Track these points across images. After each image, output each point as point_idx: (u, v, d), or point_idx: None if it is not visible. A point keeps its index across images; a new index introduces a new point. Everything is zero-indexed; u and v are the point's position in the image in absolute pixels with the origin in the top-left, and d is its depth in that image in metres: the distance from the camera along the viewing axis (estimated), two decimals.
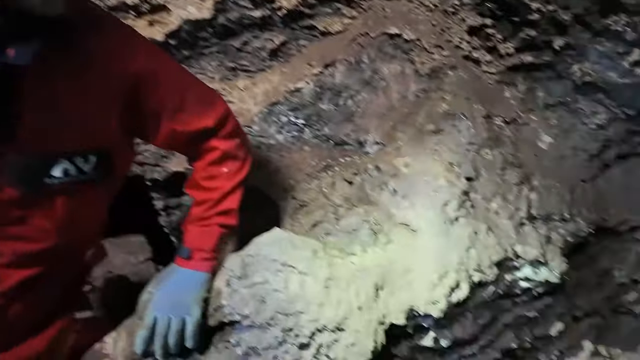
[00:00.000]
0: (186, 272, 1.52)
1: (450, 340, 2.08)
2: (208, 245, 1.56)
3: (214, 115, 1.53)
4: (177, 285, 1.51)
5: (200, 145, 1.57)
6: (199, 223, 1.58)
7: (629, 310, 2.60)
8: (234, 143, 1.62)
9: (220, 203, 1.60)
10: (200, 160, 1.60)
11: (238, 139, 1.64)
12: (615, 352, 2.68)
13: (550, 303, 2.32)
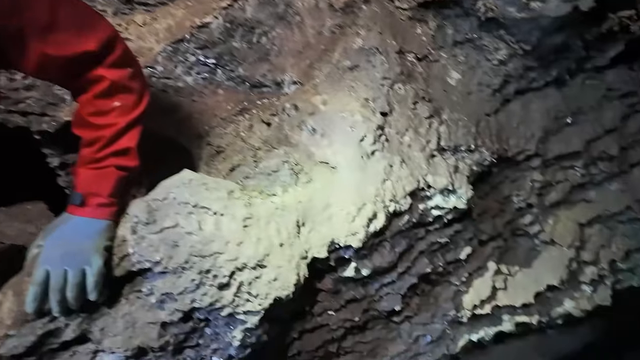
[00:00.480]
0: (80, 221, 1.36)
1: (370, 269, 2.19)
2: (104, 190, 1.41)
3: (97, 38, 1.32)
4: (70, 234, 1.35)
5: (84, 75, 1.37)
6: (91, 165, 1.41)
7: (525, 232, 2.94)
8: (125, 73, 1.43)
9: (115, 142, 1.43)
10: (86, 93, 1.40)
11: (130, 69, 1.45)
12: (514, 270, 3.04)
13: (459, 229, 2.53)
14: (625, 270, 3.16)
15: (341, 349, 2.72)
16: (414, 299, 2.75)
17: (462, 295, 2.91)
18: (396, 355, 2.93)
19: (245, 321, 1.70)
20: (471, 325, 3.13)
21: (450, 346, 3.11)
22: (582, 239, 2.98)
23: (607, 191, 2.93)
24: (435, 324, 2.87)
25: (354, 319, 2.39)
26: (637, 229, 2.95)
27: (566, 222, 2.94)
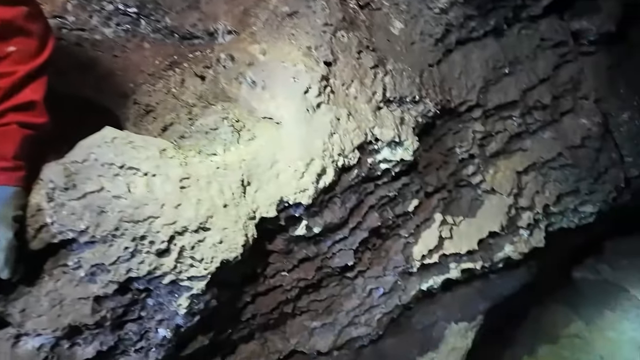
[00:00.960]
0: None
1: (321, 226, 2.14)
2: (7, 151, 1.21)
3: None
4: None
5: None
6: None
7: (468, 182, 3.05)
8: (19, 11, 1.20)
9: (15, 94, 1.22)
10: None
11: (25, 7, 1.20)
12: (458, 220, 3.17)
13: (406, 182, 2.55)
14: (556, 214, 3.42)
15: (296, 309, 2.71)
16: (366, 253, 2.78)
17: (411, 247, 2.99)
18: (351, 310, 2.99)
19: (190, 287, 1.59)
20: (421, 275, 3.26)
21: (402, 297, 3.22)
22: (520, 186, 3.15)
23: (541, 139, 3.09)
24: (387, 276, 2.95)
25: (308, 277, 2.37)
26: (568, 174, 3.17)
27: (505, 171, 3.08)
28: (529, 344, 5.98)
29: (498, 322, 5.44)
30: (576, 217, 3.49)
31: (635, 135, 3.20)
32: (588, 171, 3.14)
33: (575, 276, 6.55)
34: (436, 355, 4.08)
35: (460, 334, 4.14)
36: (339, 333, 3.03)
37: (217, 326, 2.10)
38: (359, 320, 3.13)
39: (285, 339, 2.79)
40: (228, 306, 2.10)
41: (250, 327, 2.44)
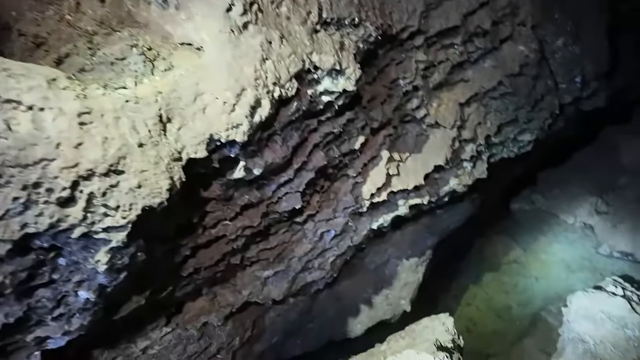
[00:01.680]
0: None
1: (262, 167, 1.95)
2: None
3: None
4: None
5: None
6: None
7: (413, 117, 2.98)
8: None
9: None
10: None
11: None
12: (405, 156, 3.12)
13: (351, 117, 2.40)
14: (497, 144, 3.49)
15: (245, 259, 2.57)
16: (315, 196, 2.66)
17: (360, 187, 2.92)
18: (303, 256, 2.91)
19: (108, 240, 1.37)
20: (371, 215, 3.23)
21: (354, 238, 3.20)
22: (462, 118, 3.14)
23: (481, 69, 3.06)
24: (338, 218, 2.87)
25: (253, 225, 2.21)
26: (507, 103, 3.19)
27: (448, 104, 3.04)
28: (474, 274, 6.43)
29: (446, 255, 5.74)
30: (515, 147, 3.59)
31: (569, 61, 3.27)
32: (526, 99, 3.19)
33: (514, 207, 7.02)
34: (390, 291, 4.22)
35: (412, 270, 4.30)
36: (292, 280, 2.97)
37: (155, 284, 1.91)
38: (313, 265, 3.08)
39: (236, 291, 2.67)
40: (164, 261, 1.91)
41: (195, 283, 2.28)
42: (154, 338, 2.29)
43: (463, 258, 6.56)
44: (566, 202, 6.71)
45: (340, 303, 3.84)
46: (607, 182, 6.55)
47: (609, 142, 6.68)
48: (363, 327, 3.94)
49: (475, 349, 5.53)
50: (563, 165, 7.01)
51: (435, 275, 5.85)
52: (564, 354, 2.95)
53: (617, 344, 3.01)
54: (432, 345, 2.30)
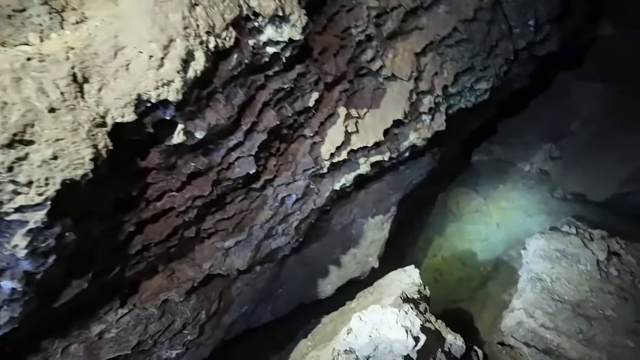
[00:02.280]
0: None
1: (205, 129, 1.78)
2: None
3: None
4: None
5: None
6: None
7: (369, 69, 2.84)
8: None
9: None
10: None
11: None
12: (363, 112, 3.02)
13: (302, 71, 2.24)
14: (455, 95, 3.45)
15: (202, 232, 2.43)
16: (271, 160, 2.53)
17: (318, 147, 2.80)
18: (265, 222, 2.80)
19: (24, 221, 1.19)
20: (332, 175, 3.15)
21: (316, 200, 3.11)
22: (419, 68, 3.04)
23: (435, 15, 2.93)
24: (298, 181, 2.77)
25: (204, 194, 2.06)
26: (463, 50, 3.11)
27: (403, 54, 2.92)
28: (439, 226, 6.62)
29: (411, 210, 5.83)
30: (473, 96, 3.57)
31: (522, 4, 3.20)
32: (481, 45, 3.12)
33: (474, 159, 7.19)
34: (358, 250, 4.24)
35: (377, 227, 4.32)
36: (256, 248, 2.87)
37: (97, 265, 1.75)
38: (276, 231, 2.99)
39: (196, 265, 2.55)
40: (105, 240, 1.74)
41: (148, 260, 2.13)
42: (109, 321, 2.16)
43: (428, 211, 6.73)
44: (523, 150, 6.93)
45: (308, 266, 3.82)
46: (560, 128, 6.79)
47: (562, 89, 6.87)
48: (333, 287, 3.97)
49: (442, 297, 5.77)
50: (519, 115, 7.19)
51: (401, 230, 5.97)
52: (524, 294, 3.08)
53: (572, 278, 3.18)
54: (398, 298, 2.31)
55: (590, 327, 2.74)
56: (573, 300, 2.97)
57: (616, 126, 5.85)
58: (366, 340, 1.74)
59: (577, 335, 2.74)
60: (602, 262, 3.25)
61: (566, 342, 2.74)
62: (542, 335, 2.85)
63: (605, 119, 6.20)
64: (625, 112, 5.89)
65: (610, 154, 5.52)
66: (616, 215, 5.50)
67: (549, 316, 2.87)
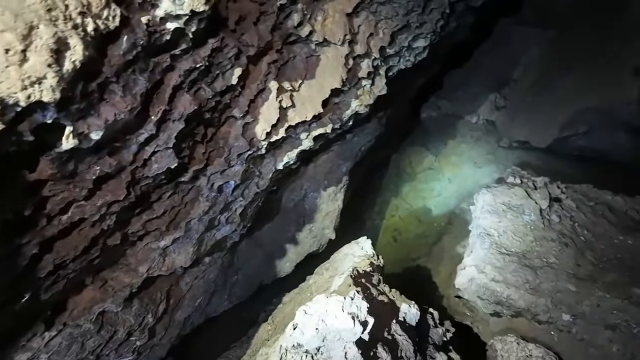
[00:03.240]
0: None
1: (101, 128, 1.54)
2: None
3: None
4: None
5: None
6: None
7: (297, 36, 2.61)
8: None
9: None
10: None
11: None
12: (297, 84, 2.81)
13: (217, 46, 1.98)
14: (393, 55, 3.30)
15: (130, 236, 2.21)
16: (198, 148, 2.30)
17: (252, 127, 2.59)
18: (203, 215, 2.60)
19: None
20: (273, 155, 2.97)
21: (259, 182, 2.94)
22: (352, 31, 2.84)
23: None
24: (234, 166, 2.56)
25: (120, 198, 1.83)
26: (397, 7, 2.93)
27: (334, 16, 2.70)
28: (394, 187, 6.68)
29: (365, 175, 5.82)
30: (411, 55, 3.43)
31: None
32: (415, 0, 2.95)
33: (423, 116, 7.21)
34: (313, 225, 4.17)
35: (331, 199, 4.24)
36: (199, 242, 2.69)
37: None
38: (219, 221, 2.81)
39: (131, 270, 2.34)
40: (1, 268, 1.50)
41: (68, 278, 1.90)
42: (35, 347, 1.95)
43: (382, 174, 6.75)
44: (469, 102, 7.01)
45: (264, 248, 3.71)
46: (504, 76, 6.89)
47: (503, 36, 6.90)
48: (292, 264, 3.90)
49: (402, 256, 5.93)
50: (464, 66, 7.21)
51: (358, 196, 5.98)
52: (474, 250, 3.15)
53: (517, 230, 3.29)
54: (349, 277, 2.25)
55: (536, 276, 2.86)
56: (519, 251, 3.07)
57: (554, 70, 5.99)
58: (313, 333, 1.66)
59: (524, 285, 2.85)
60: (545, 210, 3.37)
61: (515, 293, 2.85)
62: (492, 289, 2.94)
63: (544, 64, 6.34)
64: (562, 55, 6.02)
65: (550, 99, 5.68)
66: (559, 158, 5.76)
67: (498, 270, 2.96)
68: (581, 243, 3.16)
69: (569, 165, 5.71)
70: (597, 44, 5.33)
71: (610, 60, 5.01)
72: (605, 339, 2.54)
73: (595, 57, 5.20)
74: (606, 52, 5.09)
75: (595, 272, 2.87)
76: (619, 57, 4.93)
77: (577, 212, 3.51)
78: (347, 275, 2.29)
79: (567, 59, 5.80)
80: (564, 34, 6.14)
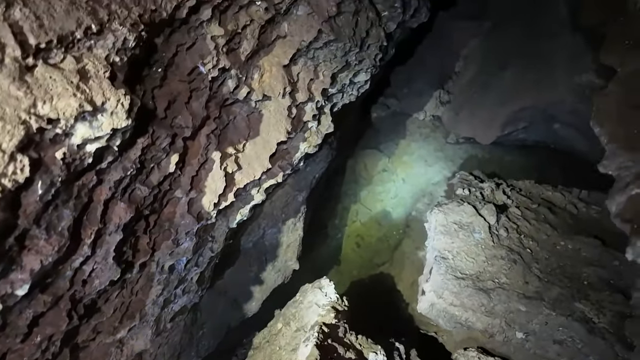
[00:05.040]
0: None
1: (28, 279, 1.38)
2: None
3: None
4: None
5: None
6: None
7: (235, 100, 2.49)
8: None
9: None
10: None
11: None
12: (241, 145, 2.67)
13: (147, 144, 1.84)
14: (336, 94, 3.26)
15: (80, 344, 2.09)
16: (141, 240, 2.17)
17: (198, 202, 2.47)
18: (160, 296, 2.51)
19: None
20: (225, 217, 2.87)
21: (214, 246, 2.84)
22: (292, 80, 2.76)
23: (297, 19, 2.60)
24: (183, 244, 2.45)
25: (61, 327, 1.70)
26: (334, 49, 2.87)
27: (271, 70, 2.60)
28: (353, 193, 6.75)
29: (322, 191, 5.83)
30: (354, 89, 3.41)
31: None
32: (352, 40, 2.90)
33: (373, 117, 7.26)
34: (275, 260, 4.14)
35: (290, 230, 4.21)
36: (157, 321, 2.58)
37: None
38: (175, 294, 2.70)
39: None
40: None
41: None
42: None
43: (340, 181, 6.78)
44: (415, 99, 7.13)
45: (228, 294, 3.64)
46: (446, 71, 7.04)
47: (442, 31, 7.00)
48: (258, 303, 3.88)
49: (366, 261, 6.08)
50: (407, 64, 7.28)
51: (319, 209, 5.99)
52: (432, 275, 3.27)
53: (470, 250, 3.45)
54: (314, 348, 2.26)
55: (490, 299, 3.03)
56: (473, 273, 3.23)
57: (492, 65, 6.19)
58: None
59: (480, 308, 3.02)
60: (493, 226, 3.54)
61: (472, 316, 3.01)
62: (452, 313, 3.09)
63: (483, 57, 6.52)
64: (498, 49, 6.22)
65: (490, 97, 5.88)
66: (504, 148, 6.05)
67: (455, 294, 3.10)
68: (528, 256, 3.37)
69: (513, 154, 6.04)
70: (527, 40, 5.54)
71: (540, 57, 5.24)
72: (555, 353, 2.77)
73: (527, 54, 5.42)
74: (536, 48, 5.31)
75: (542, 288, 3.09)
76: (548, 54, 5.16)
77: (522, 221, 3.73)
78: (313, 344, 2.31)
79: (502, 53, 5.99)
80: (498, 26, 6.32)
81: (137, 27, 1.62)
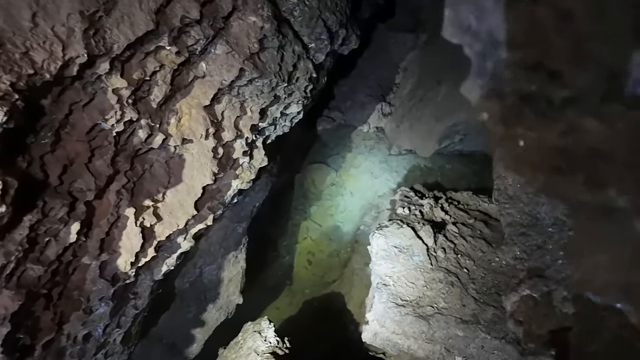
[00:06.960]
0: None
1: None
2: None
3: None
4: None
5: None
6: None
7: (149, 148, 2.29)
8: None
9: None
10: None
11: None
12: (159, 195, 2.51)
13: (36, 219, 1.63)
14: (267, 127, 3.15)
15: None
16: (43, 317, 1.95)
17: (113, 262, 2.27)
18: None
19: None
20: (148, 270, 2.68)
21: (138, 302, 2.62)
22: (216, 120, 2.61)
23: (215, 57, 2.46)
24: (97, 311, 2.22)
25: None
26: (260, 85, 2.75)
27: (190, 112, 2.44)
28: (303, 209, 6.67)
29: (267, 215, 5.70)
30: (287, 120, 3.31)
31: (311, 17, 2.91)
32: (278, 76, 2.79)
33: (319, 129, 7.22)
34: (217, 298, 3.96)
35: (232, 264, 4.05)
36: None
37: None
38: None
39: None
40: None
41: None
42: None
43: (289, 197, 6.68)
44: (359, 111, 7.17)
45: (164, 341, 3.43)
46: (387, 83, 7.14)
47: (381, 43, 7.09)
48: (200, 344, 3.69)
49: (317, 278, 6.03)
50: (349, 75, 7.30)
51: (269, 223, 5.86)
52: (374, 304, 3.27)
53: (410, 275, 3.49)
54: None
55: (429, 326, 3.07)
56: (413, 299, 3.26)
57: (429, 77, 6.35)
58: None
59: (421, 335, 3.05)
60: (431, 247, 3.60)
61: (414, 343, 3.04)
62: (394, 342, 3.10)
63: (420, 69, 6.68)
64: (434, 61, 6.39)
65: (427, 111, 6.03)
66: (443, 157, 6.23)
67: (397, 323, 3.11)
68: (465, 276, 3.46)
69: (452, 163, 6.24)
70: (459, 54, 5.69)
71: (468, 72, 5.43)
72: None
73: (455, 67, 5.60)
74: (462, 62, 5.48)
75: (478, 310, 3.18)
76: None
77: (459, 239, 3.83)
78: None
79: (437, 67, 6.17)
80: (432, 40, 6.50)
81: (8, 99, 1.42)
